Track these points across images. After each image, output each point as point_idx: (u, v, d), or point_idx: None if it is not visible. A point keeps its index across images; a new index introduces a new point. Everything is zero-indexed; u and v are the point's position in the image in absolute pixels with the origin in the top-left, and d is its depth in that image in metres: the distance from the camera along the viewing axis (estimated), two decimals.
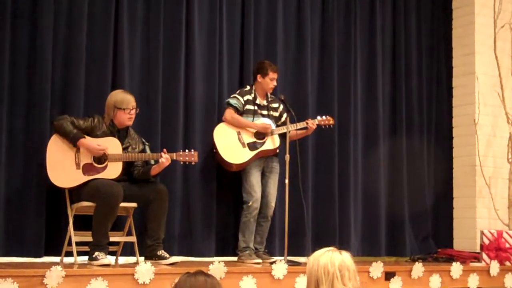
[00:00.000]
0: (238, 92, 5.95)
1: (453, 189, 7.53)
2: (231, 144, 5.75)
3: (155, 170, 5.21)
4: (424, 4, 7.66)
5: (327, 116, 6.12)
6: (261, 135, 5.82)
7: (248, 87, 5.97)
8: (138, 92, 5.68)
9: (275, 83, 5.94)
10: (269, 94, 6.00)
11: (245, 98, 5.87)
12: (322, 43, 6.91)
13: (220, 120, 5.91)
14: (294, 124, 5.84)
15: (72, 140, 5.00)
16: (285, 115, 5.93)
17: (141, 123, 5.58)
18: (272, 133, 5.83)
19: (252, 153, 5.75)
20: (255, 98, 5.92)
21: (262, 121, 5.86)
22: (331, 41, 6.89)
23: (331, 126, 6.17)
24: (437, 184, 7.52)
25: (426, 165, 7.46)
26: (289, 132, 5.70)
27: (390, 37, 7.38)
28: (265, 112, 5.94)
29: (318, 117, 6.08)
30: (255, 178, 5.79)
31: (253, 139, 5.80)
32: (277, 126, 5.94)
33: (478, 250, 6.79)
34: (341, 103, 6.86)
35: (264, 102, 5.97)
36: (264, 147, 5.80)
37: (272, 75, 5.90)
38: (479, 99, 7.32)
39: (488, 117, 7.38)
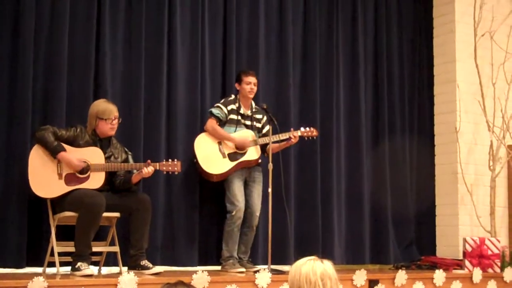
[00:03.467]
0: (222, 101, 5.94)
1: (435, 197, 7.56)
2: (211, 154, 5.75)
3: (136, 177, 5.21)
4: (405, 12, 7.72)
5: (310, 128, 6.12)
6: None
7: (233, 96, 5.97)
8: (121, 101, 5.67)
9: (253, 87, 5.91)
10: (253, 104, 6.00)
11: (229, 107, 5.87)
12: (304, 52, 6.93)
13: (202, 129, 5.91)
14: (277, 135, 5.83)
15: (52, 153, 4.98)
16: (267, 127, 5.93)
17: (123, 132, 5.56)
18: (255, 144, 5.83)
19: (232, 164, 5.75)
20: (239, 107, 5.92)
21: (243, 134, 5.84)
22: (313, 50, 6.91)
23: (314, 137, 6.19)
24: (420, 192, 7.56)
25: (409, 173, 7.50)
26: (271, 143, 5.68)
27: (372, 45, 7.42)
28: (248, 123, 5.94)
29: (302, 128, 6.08)
30: (237, 188, 5.79)
31: (234, 150, 5.80)
32: (260, 137, 5.95)
33: (461, 257, 6.82)
34: (323, 112, 6.88)
35: (248, 112, 5.97)
36: (245, 158, 5.80)
37: (246, 79, 5.89)
38: (460, 107, 7.38)
39: (469, 124, 7.44)
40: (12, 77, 5.32)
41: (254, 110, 6.01)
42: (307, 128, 6.10)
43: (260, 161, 5.93)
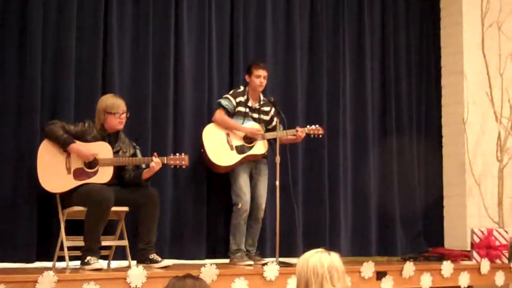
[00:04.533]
0: (231, 92, 5.95)
1: (443, 188, 7.56)
2: (219, 145, 5.76)
3: (146, 174, 5.23)
4: (412, 4, 7.70)
5: (317, 126, 6.14)
6: (250, 138, 5.84)
7: (242, 88, 5.97)
8: (128, 96, 5.69)
9: (262, 80, 5.91)
10: (261, 97, 6.01)
11: (238, 99, 5.87)
12: (311, 46, 6.92)
13: (210, 123, 5.92)
14: (284, 131, 5.85)
15: (63, 145, 5.01)
16: (275, 119, 5.94)
17: (131, 126, 5.58)
18: (263, 138, 5.84)
19: (240, 157, 5.77)
20: (247, 100, 5.92)
21: (252, 126, 5.87)
22: (320, 44, 6.91)
23: (320, 135, 6.20)
24: (427, 183, 7.56)
25: (416, 164, 7.49)
26: (279, 138, 5.70)
27: (378, 37, 7.41)
28: (256, 115, 5.95)
29: (308, 126, 6.10)
30: (243, 180, 5.81)
31: (241, 142, 5.81)
32: (268, 130, 5.96)
33: (468, 248, 6.83)
34: (330, 105, 6.89)
35: (256, 105, 5.98)
36: (252, 152, 5.81)
37: (257, 72, 5.89)
38: (468, 98, 7.36)
39: (477, 116, 7.42)
40: (20, 74, 5.34)
41: (262, 102, 6.01)
42: (314, 126, 6.11)
43: (266, 154, 5.94)
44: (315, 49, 6.92)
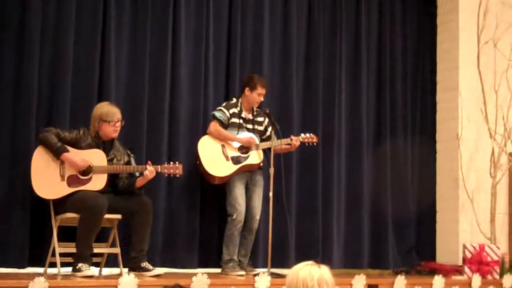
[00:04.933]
0: (224, 104, 5.98)
1: (436, 203, 7.58)
2: (214, 157, 5.78)
3: (140, 182, 5.24)
4: (409, 18, 7.74)
5: (311, 134, 6.17)
6: (245, 149, 5.85)
7: (234, 100, 6.00)
8: (124, 104, 5.71)
9: (262, 99, 5.96)
10: (254, 108, 6.04)
11: (231, 111, 5.90)
12: (307, 53, 6.96)
13: (205, 131, 5.94)
14: (279, 140, 5.87)
15: (56, 153, 5.02)
16: (269, 129, 5.96)
17: (126, 134, 5.59)
18: (257, 148, 5.87)
19: (236, 167, 5.79)
20: (240, 111, 5.95)
21: (247, 136, 5.89)
22: (317, 51, 6.95)
23: (315, 144, 6.22)
24: (420, 198, 7.57)
25: (410, 178, 7.51)
26: (274, 147, 5.72)
27: (375, 50, 7.44)
28: (250, 126, 5.98)
29: (302, 134, 6.12)
30: (239, 191, 5.82)
31: (237, 153, 5.83)
32: (262, 140, 5.98)
33: (460, 263, 6.84)
34: (325, 115, 6.91)
35: (250, 116, 6.00)
36: (247, 161, 5.83)
37: (261, 90, 5.93)
38: (463, 114, 7.38)
39: (471, 132, 7.44)
40: (17, 79, 5.36)
41: (255, 113, 6.04)
42: (308, 134, 6.14)
43: (262, 164, 5.96)
44: (311, 56, 6.95)
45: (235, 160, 5.81)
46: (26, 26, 5.39)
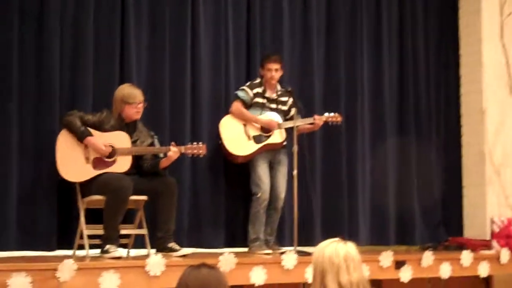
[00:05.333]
0: (248, 84, 5.96)
1: (462, 177, 7.52)
2: (236, 136, 5.77)
3: (164, 163, 5.26)
4: None
5: (335, 113, 6.12)
6: (267, 129, 5.84)
7: (258, 80, 5.97)
8: (146, 85, 5.71)
9: (273, 74, 5.88)
10: (278, 87, 5.99)
11: (255, 91, 5.88)
12: (328, 31, 6.89)
13: (227, 112, 5.94)
14: (301, 120, 5.84)
15: (80, 137, 5.05)
16: (293, 109, 5.94)
17: (149, 116, 5.61)
18: (279, 127, 5.85)
19: (257, 146, 5.78)
20: (264, 91, 5.92)
21: (270, 116, 5.86)
22: (337, 29, 6.88)
23: (338, 123, 6.18)
24: (446, 173, 7.52)
25: (435, 153, 7.45)
26: (297, 127, 5.70)
27: (396, 25, 7.34)
28: (273, 106, 5.95)
29: (326, 114, 6.08)
30: (262, 170, 5.82)
31: (259, 132, 5.82)
32: (286, 120, 5.95)
33: (488, 237, 6.79)
34: (348, 92, 6.86)
35: (274, 96, 5.97)
36: (269, 141, 5.82)
37: (269, 65, 5.87)
38: (487, 87, 7.29)
39: (496, 104, 7.35)
40: (39, 65, 5.38)
41: (279, 93, 6.00)
42: (331, 114, 6.09)
43: (285, 143, 5.95)
44: (332, 34, 6.88)
45: (257, 139, 5.80)
46: (46, 13, 5.40)
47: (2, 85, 5.25)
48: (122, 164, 5.13)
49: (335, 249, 2.89)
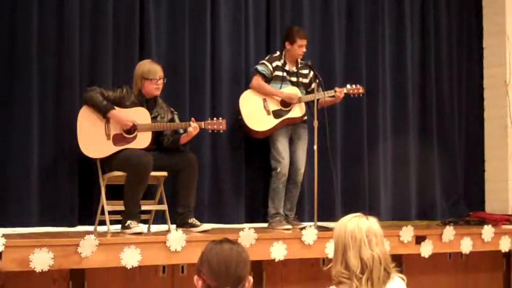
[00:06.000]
0: (267, 58, 5.92)
1: (484, 152, 7.45)
2: (255, 111, 5.75)
3: (184, 139, 5.26)
4: None
5: (357, 85, 6.05)
6: (287, 103, 5.81)
7: (278, 53, 5.93)
8: (165, 62, 5.69)
9: (304, 50, 5.85)
10: (299, 60, 5.95)
11: (274, 64, 5.84)
12: (349, 7, 6.82)
13: (247, 86, 5.91)
14: (322, 92, 5.78)
15: (102, 112, 5.06)
16: (314, 83, 5.89)
17: (169, 92, 5.60)
18: (300, 101, 5.81)
19: (277, 121, 5.75)
20: (284, 64, 5.88)
21: (289, 90, 5.83)
22: (358, 5, 6.80)
23: (361, 95, 6.12)
24: (468, 147, 7.45)
25: (457, 127, 7.37)
26: (317, 100, 5.66)
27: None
28: (294, 79, 5.90)
29: (348, 86, 6.01)
30: (282, 145, 5.79)
31: (278, 107, 5.78)
32: (307, 93, 5.91)
33: (510, 212, 6.74)
34: (369, 68, 6.79)
35: (294, 69, 5.93)
36: (289, 115, 5.78)
37: (300, 41, 5.82)
38: (511, 60, 7.18)
39: None
40: (59, 41, 5.39)
41: (300, 66, 5.96)
42: (353, 86, 6.03)
43: (305, 118, 5.91)
44: (353, 10, 6.80)
45: (277, 114, 5.76)
46: None
47: (23, 62, 5.27)
48: (143, 140, 5.14)
49: (357, 224, 2.88)
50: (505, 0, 7.27)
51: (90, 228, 5.27)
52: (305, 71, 5.97)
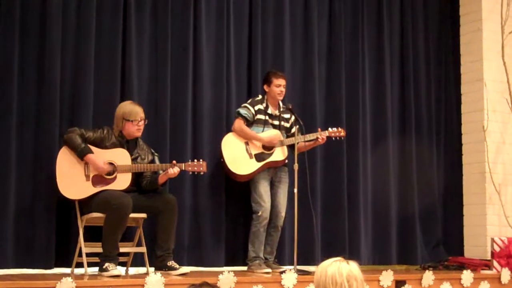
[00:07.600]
0: (249, 101, 5.95)
1: (463, 197, 7.49)
2: (238, 154, 5.76)
3: (162, 178, 5.25)
4: (431, 11, 7.65)
5: (338, 128, 6.10)
6: (269, 146, 5.83)
7: (260, 96, 5.97)
8: (147, 102, 5.71)
9: (282, 89, 5.91)
10: (281, 104, 5.99)
11: (256, 107, 5.87)
12: (329, 51, 6.90)
13: (228, 129, 5.93)
14: (304, 136, 5.82)
15: (80, 155, 5.04)
16: (295, 127, 5.92)
17: (150, 133, 5.60)
18: (281, 144, 5.83)
19: (259, 164, 5.76)
20: (267, 107, 5.92)
21: (271, 133, 5.85)
22: (339, 49, 6.89)
23: (342, 138, 6.16)
24: (447, 192, 7.50)
25: (436, 172, 7.43)
26: (298, 143, 5.68)
27: (398, 43, 7.36)
28: (276, 122, 5.94)
29: (329, 129, 6.05)
30: (263, 188, 5.79)
31: (260, 150, 5.79)
32: (288, 137, 5.94)
33: (489, 257, 6.76)
34: (349, 112, 6.85)
35: (276, 112, 5.97)
36: (271, 158, 5.80)
37: (276, 81, 5.89)
38: (488, 106, 7.29)
39: (497, 123, 7.35)
40: (39, 80, 5.38)
41: (282, 109, 6.00)
42: (335, 128, 6.08)
43: (286, 161, 5.93)
44: (333, 55, 6.89)
45: (259, 157, 5.78)
46: (47, 29, 5.40)
47: (2, 100, 5.25)
48: (122, 181, 5.11)
49: (337, 268, 2.86)
50: (482, 48, 7.41)
51: (67, 270, 5.19)
52: (287, 116, 6.00)
